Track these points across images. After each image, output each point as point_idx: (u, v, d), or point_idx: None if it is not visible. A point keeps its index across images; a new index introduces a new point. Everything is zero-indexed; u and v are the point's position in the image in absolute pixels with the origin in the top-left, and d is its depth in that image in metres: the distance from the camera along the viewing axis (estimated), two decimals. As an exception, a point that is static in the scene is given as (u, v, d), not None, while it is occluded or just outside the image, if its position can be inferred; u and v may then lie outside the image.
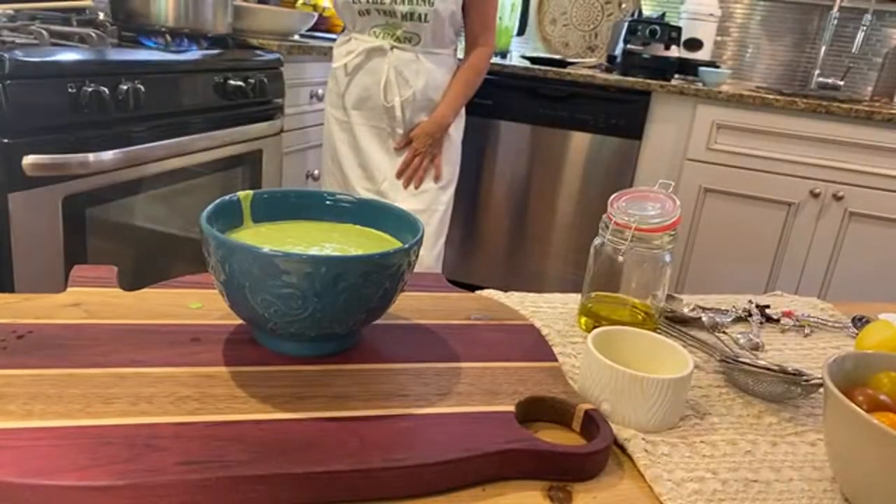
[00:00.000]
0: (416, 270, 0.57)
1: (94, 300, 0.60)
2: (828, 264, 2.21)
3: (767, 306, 0.80)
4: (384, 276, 0.50)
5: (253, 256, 0.46)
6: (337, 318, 0.50)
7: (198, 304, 0.61)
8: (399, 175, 1.63)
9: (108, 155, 1.28)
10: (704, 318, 0.75)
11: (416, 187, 1.63)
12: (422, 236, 0.54)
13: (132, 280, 0.66)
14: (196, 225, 0.51)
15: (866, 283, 2.18)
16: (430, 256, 1.65)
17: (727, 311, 0.79)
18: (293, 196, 0.61)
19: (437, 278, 0.76)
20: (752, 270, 2.29)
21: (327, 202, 0.62)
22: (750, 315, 0.79)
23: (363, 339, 0.58)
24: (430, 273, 0.81)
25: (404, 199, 1.61)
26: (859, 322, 0.78)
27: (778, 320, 0.78)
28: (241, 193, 0.58)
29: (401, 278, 0.52)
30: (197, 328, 0.57)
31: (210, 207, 0.54)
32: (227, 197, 0.57)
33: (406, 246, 0.51)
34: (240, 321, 0.58)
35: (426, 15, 1.51)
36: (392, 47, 1.56)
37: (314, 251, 0.55)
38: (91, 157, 1.24)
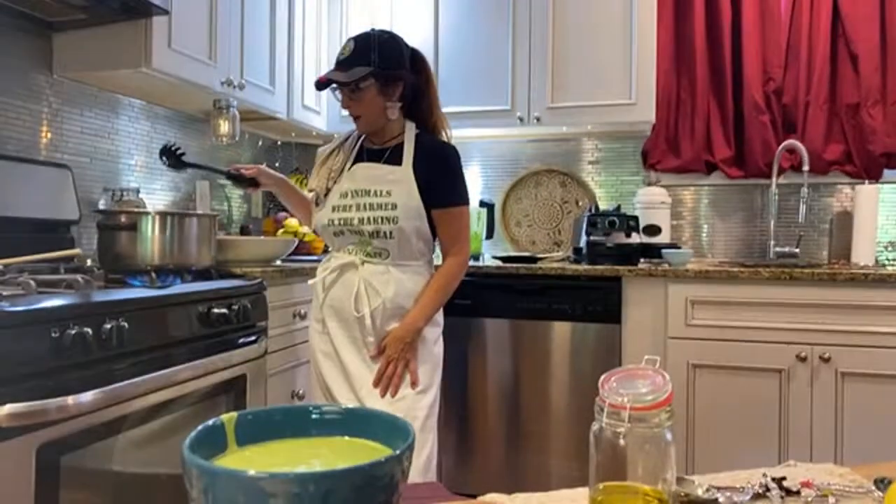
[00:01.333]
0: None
1: (63, 555, 0.55)
2: (835, 427, 2.15)
3: (784, 478, 0.76)
4: (377, 487, 0.47)
5: (237, 481, 0.44)
6: (330, 543, 0.46)
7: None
8: (375, 384, 1.62)
9: (87, 396, 1.25)
10: (721, 499, 0.70)
11: (393, 395, 1.61)
12: (413, 441, 0.52)
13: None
14: (178, 460, 0.49)
15: (879, 441, 2.10)
16: (415, 467, 1.57)
17: (743, 488, 0.74)
18: (278, 414, 0.60)
19: (433, 487, 0.72)
20: (761, 442, 2.20)
21: (313, 416, 0.60)
22: (768, 490, 0.74)
23: (360, 565, 0.53)
24: (426, 483, 0.77)
25: (382, 408, 1.58)
26: (881, 484, 0.74)
27: (798, 492, 0.74)
28: (224, 416, 0.56)
29: (395, 489, 0.49)
30: (176, 574, 0.51)
31: (192, 434, 0.52)
32: (210, 422, 0.55)
33: (397, 453, 0.48)
34: (224, 560, 0.53)
35: (391, 232, 1.62)
36: (363, 262, 1.65)
37: (301, 469, 0.53)
38: (70, 400, 1.21)
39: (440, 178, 1.67)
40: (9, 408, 1.13)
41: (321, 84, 1.65)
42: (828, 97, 2.72)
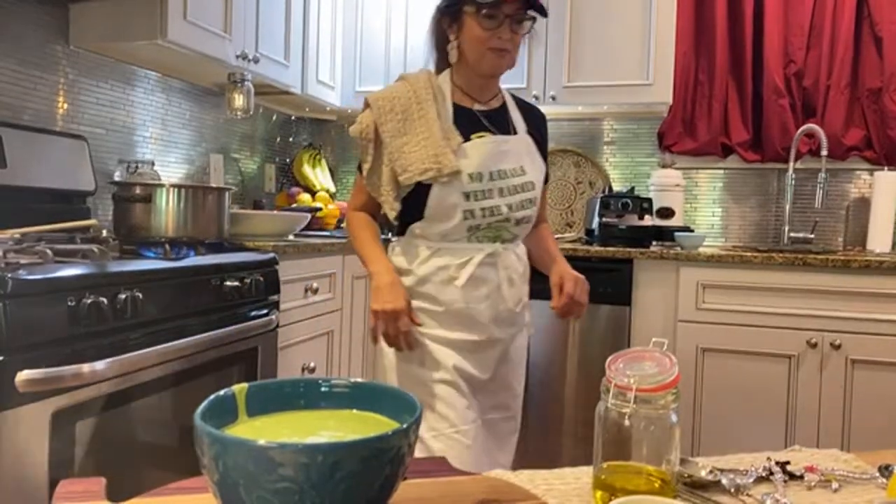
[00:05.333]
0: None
1: (79, 516, 0.56)
2: (842, 414, 2.15)
3: (788, 462, 0.77)
4: (384, 460, 0.48)
5: (247, 450, 0.45)
6: (336, 513, 0.47)
7: (189, 511, 0.57)
8: (564, 312, 1.52)
9: (102, 364, 1.27)
10: (724, 481, 0.71)
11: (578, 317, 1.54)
12: (420, 415, 0.52)
13: (125, 490, 0.63)
14: (190, 429, 0.50)
15: (887, 429, 2.10)
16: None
17: (746, 471, 0.75)
18: (288, 386, 0.61)
19: (439, 462, 0.73)
20: (768, 428, 2.21)
21: (322, 389, 0.61)
22: (772, 474, 0.75)
23: (366, 534, 0.54)
24: (431, 458, 0.78)
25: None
26: (886, 471, 0.74)
27: (802, 477, 0.74)
28: (235, 387, 0.57)
29: (401, 462, 0.50)
30: (187, 538, 0.53)
31: (204, 404, 0.53)
32: (221, 392, 0.56)
33: (404, 426, 0.49)
34: (233, 526, 0.54)
35: (532, 216, 1.46)
36: (504, 248, 1.43)
37: (310, 440, 0.54)
38: (85, 367, 1.24)
39: (544, 144, 1.53)
40: (26, 374, 1.15)
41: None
42: (850, 81, 2.67)
